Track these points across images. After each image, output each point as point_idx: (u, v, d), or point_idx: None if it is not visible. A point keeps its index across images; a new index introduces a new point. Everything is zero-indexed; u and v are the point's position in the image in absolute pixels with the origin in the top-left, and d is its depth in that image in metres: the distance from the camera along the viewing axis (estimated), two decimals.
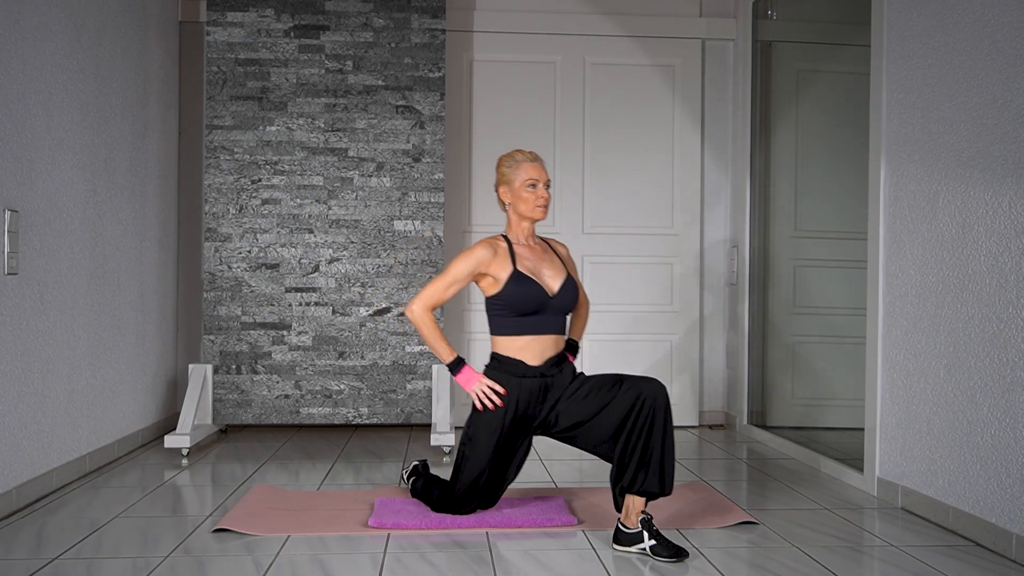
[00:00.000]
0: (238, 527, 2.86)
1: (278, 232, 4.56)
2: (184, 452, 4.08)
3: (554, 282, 2.95)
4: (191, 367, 4.41)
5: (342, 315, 4.57)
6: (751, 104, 4.91)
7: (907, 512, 3.22)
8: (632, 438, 2.69)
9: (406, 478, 3.34)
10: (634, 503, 2.70)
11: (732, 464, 4.08)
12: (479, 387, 2.91)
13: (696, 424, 5.11)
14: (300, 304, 4.56)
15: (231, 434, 4.73)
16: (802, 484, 3.64)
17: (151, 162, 4.45)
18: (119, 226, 4.04)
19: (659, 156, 5.12)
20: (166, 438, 4.05)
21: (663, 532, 2.84)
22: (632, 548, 2.68)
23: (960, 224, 2.96)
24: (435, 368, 4.44)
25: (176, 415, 4.74)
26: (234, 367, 4.52)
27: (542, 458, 4.10)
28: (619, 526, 2.73)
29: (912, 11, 3.27)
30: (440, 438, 4.17)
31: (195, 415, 4.22)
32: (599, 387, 2.84)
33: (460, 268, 2.91)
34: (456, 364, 2.93)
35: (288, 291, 4.55)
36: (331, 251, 4.58)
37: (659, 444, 2.67)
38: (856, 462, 3.69)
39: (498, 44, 5.04)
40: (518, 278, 2.89)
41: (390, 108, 4.61)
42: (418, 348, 4.58)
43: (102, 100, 3.85)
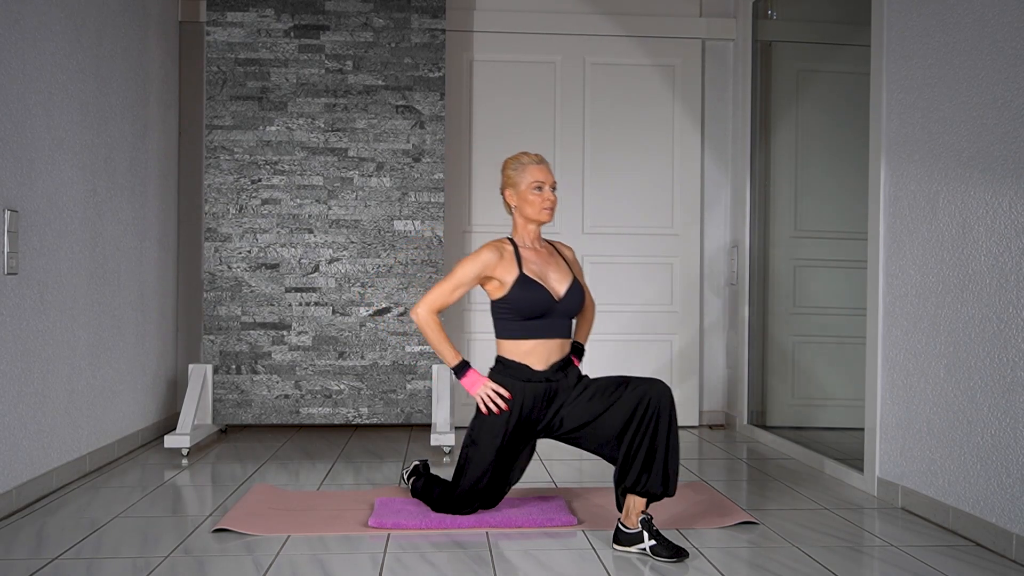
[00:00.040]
0: (238, 527, 2.86)
1: (278, 232, 4.56)
2: (184, 452, 4.08)
3: (560, 286, 2.94)
4: (191, 367, 4.41)
5: (342, 315, 4.57)
6: (751, 104, 4.91)
7: (907, 512, 3.22)
8: (636, 439, 2.69)
9: (406, 478, 3.34)
10: (635, 503, 2.70)
11: (732, 464, 4.08)
12: (484, 391, 2.90)
13: (696, 424, 5.11)
14: (300, 304, 4.56)
15: (231, 434, 4.73)
16: (802, 484, 3.64)
17: (151, 162, 4.45)
18: (119, 226, 4.04)
19: (659, 156, 5.13)
20: (166, 438, 4.05)
21: (663, 532, 2.84)
22: (632, 548, 2.68)
23: (960, 224, 2.96)
24: (435, 368, 4.44)
25: (176, 415, 4.74)
26: (234, 367, 4.52)
27: (542, 458, 4.09)
28: (619, 526, 2.72)
29: (912, 11, 3.27)
30: (440, 438, 4.17)
31: (195, 415, 4.22)
32: (604, 389, 2.84)
33: (466, 271, 2.90)
34: (461, 367, 2.92)
35: (288, 291, 4.55)
36: (331, 251, 4.58)
37: (663, 445, 2.67)
38: (856, 462, 3.69)
39: (498, 44, 5.04)
40: (524, 282, 2.88)
41: (390, 108, 4.61)
42: (418, 348, 4.58)
43: (102, 100, 3.85)
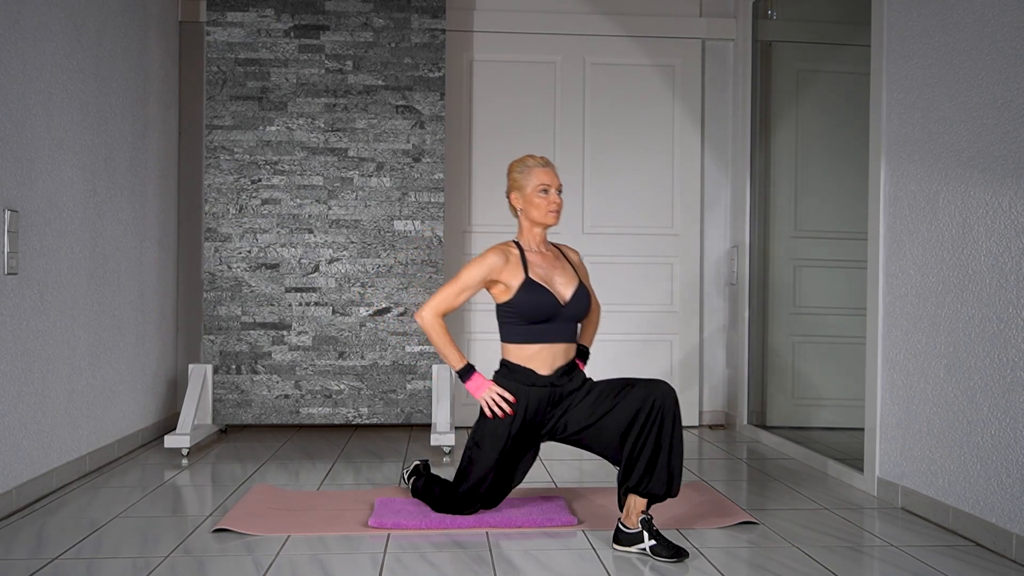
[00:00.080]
0: (238, 527, 2.86)
1: (278, 232, 4.56)
2: (184, 452, 4.08)
3: (566, 290, 2.93)
4: (191, 367, 4.41)
5: (342, 315, 4.57)
6: (751, 104, 4.91)
7: (907, 512, 3.22)
8: (640, 439, 2.68)
9: (406, 478, 3.34)
10: (635, 503, 2.70)
11: (732, 464, 4.08)
12: (488, 395, 2.89)
13: (696, 424, 5.11)
14: (300, 304, 4.56)
15: (231, 434, 4.73)
16: (802, 484, 3.64)
17: (151, 162, 4.45)
18: (119, 226, 4.04)
19: (659, 156, 5.13)
20: (166, 438, 4.05)
21: (663, 532, 2.84)
22: (632, 548, 2.68)
23: (960, 224, 2.96)
24: (435, 368, 4.44)
25: (176, 415, 4.74)
26: (234, 367, 4.51)
27: (542, 458, 4.09)
28: (619, 526, 2.72)
29: (912, 11, 3.27)
30: (440, 438, 4.17)
31: (195, 415, 4.22)
32: (608, 391, 2.83)
33: (471, 275, 2.89)
34: (466, 371, 2.91)
35: (288, 291, 4.55)
36: (331, 251, 4.58)
37: (667, 446, 2.66)
38: (856, 462, 3.69)
39: (498, 44, 5.04)
40: (530, 286, 2.87)
41: (390, 108, 4.61)
42: (418, 348, 4.58)
43: (102, 100, 3.85)
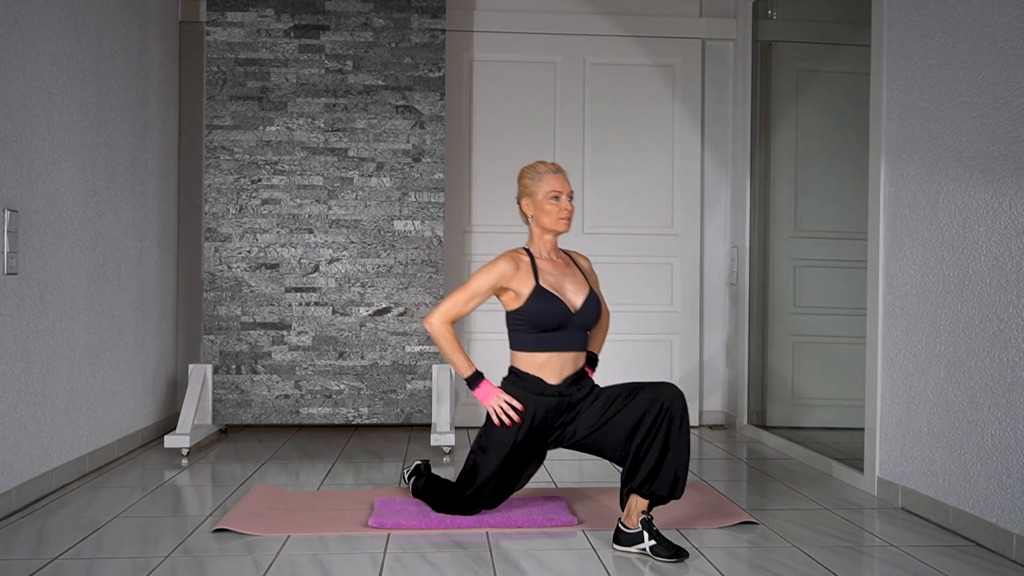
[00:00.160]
0: (238, 527, 2.86)
1: (278, 232, 4.56)
2: (184, 452, 4.08)
3: (576, 298, 2.91)
4: (191, 367, 4.41)
5: (342, 315, 4.57)
6: (751, 104, 4.91)
7: (907, 512, 3.22)
8: (647, 441, 2.67)
9: (407, 478, 3.34)
10: (636, 503, 2.70)
11: (732, 464, 4.08)
12: (496, 402, 2.88)
13: (696, 424, 5.11)
14: (300, 304, 4.56)
15: (231, 434, 4.73)
16: (802, 484, 3.64)
17: (151, 162, 4.45)
18: (119, 226, 4.04)
19: (659, 156, 5.13)
20: (166, 438, 4.05)
21: (663, 532, 2.84)
22: (632, 548, 2.68)
23: (960, 224, 2.96)
24: (435, 368, 4.44)
25: (176, 415, 4.74)
26: (234, 367, 4.51)
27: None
28: (619, 526, 2.72)
29: (912, 11, 3.27)
30: (440, 438, 4.17)
31: (195, 415, 4.22)
32: (615, 395, 2.82)
33: (481, 282, 2.88)
34: (474, 378, 2.90)
35: (288, 291, 4.55)
36: (331, 251, 4.58)
37: (673, 448, 2.65)
38: (856, 462, 3.69)
39: (498, 44, 5.04)
40: (540, 294, 2.85)
41: (390, 108, 4.61)
42: (418, 348, 4.58)
43: (102, 100, 3.85)
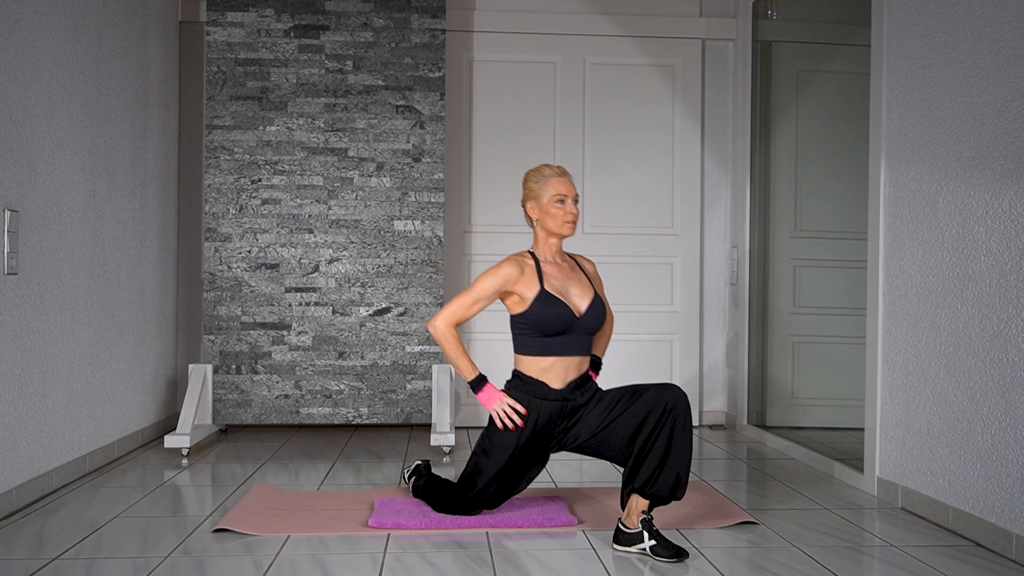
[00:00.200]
0: (238, 527, 2.86)
1: (278, 232, 4.56)
2: (184, 452, 4.08)
3: (581, 302, 2.90)
4: (191, 367, 4.41)
5: (342, 315, 4.57)
6: (751, 104, 4.91)
7: (907, 512, 3.22)
8: (650, 441, 2.67)
9: (407, 478, 3.34)
10: (637, 503, 2.70)
11: (732, 464, 4.08)
12: (500, 406, 2.87)
13: (696, 424, 5.11)
14: (300, 304, 4.56)
15: (231, 434, 4.73)
16: (802, 484, 3.64)
17: (151, 162, 4.45)
18: (119, 226, 4.04)
19: (659, 156, 5.13)
20: (166, 438, 4.05)
21: (663, 532, 2.84)
22: (632, 548, 2.68)
23: (960, 224, 2.96)
24: (435, 368, 4.44)
25: (176, 415, 4.74)
26: (234, 367, 4.51)
27: None
28: (619, 526, 2.72)
29: (912, 11, 3.27)
30: (440, 438, 4.17)
31: (195, 415, 4.22)
32: (618, 398, 2.82)
33: (486, 285, 2.87)
34: (478, 382, 2.89)
35: (288, 291, 4.55)
36: (331, 251, 4.58)
37: (676, 449, 2.65)
38: (856, 462, 3.69)
39: (498, 44, 5.04)
40: (545, 298, 2.84)
41: (390, 108, 4.61)
42: (418, 348, 4.58)
43: (102, 100, 3.85)
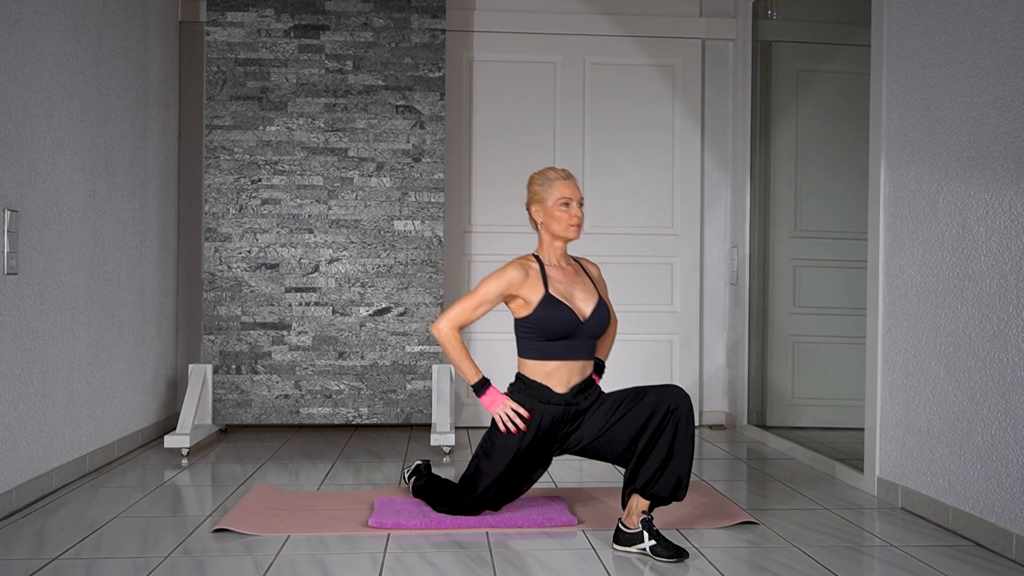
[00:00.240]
0: (238, 527, 2.86)
1: (278, 232, 4.56)
2: (184, 452, 4.08)
3: (586, 306, 2.90)
4: (191, 367, 4.41)
5: (342, 315, 4.57)
6: (751, 104, 4.91)
7: (907, 512, 3.22)
8: (652, 442, 2.67)
9: (407, 478, 3.34)
10: (637, 503, 2.70)
11: (732, 464, 4.08)
12: (503, 410, 2.87)
13: (696, 424, 5.11)
14: (300, 304, 4.56)
15: (231, 434, 4.73)
16: (802, 484, 3.64)
17: (151, 162, 4.45)
18: (119, 226, 4.04)
19: (659, 156, 5.12)
20: (166, 438, 4.05)
21: (663, 532, 2.84)
22: (632, 548, 2.68)
23: (960, 224, 2.96)
24: (435, 368, 4.44)
25: (176, 415, 4.74)
26: (234, 367, 4.51)
27: None
28: (619, 526, 2.72)
29: (912, 11, 3.27)
30: (440, 438, 4.17)
31: (195, 415, 4.22)
32: (620, 400, 2.82)
33: (490, 289, 2.86)
34: (481, 385, 2.89)
35: (288, 291, 4.55)
36: (331, 251, 4.58)
37: (678, 450, 2.65)
38: (856, 462, 3.69)
39: (498, 44, 5.04)
40: (550, 302, 2.84)
41: (390, 108, 4.61)
42: (418, 348, 4.58)
43: (102, 100, 3.85)
